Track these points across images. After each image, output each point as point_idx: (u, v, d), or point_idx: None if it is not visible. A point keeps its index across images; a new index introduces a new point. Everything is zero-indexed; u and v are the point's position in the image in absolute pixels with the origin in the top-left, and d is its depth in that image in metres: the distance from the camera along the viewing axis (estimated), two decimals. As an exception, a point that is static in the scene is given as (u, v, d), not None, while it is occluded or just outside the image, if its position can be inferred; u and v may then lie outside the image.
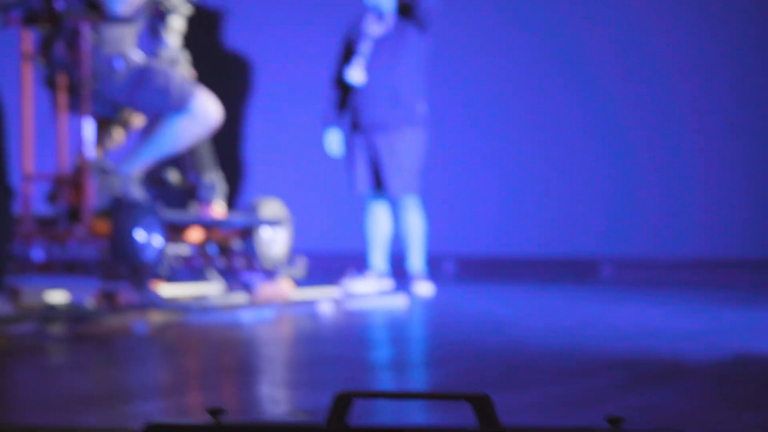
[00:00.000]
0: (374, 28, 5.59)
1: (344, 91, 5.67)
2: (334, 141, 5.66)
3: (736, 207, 6.61)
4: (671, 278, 6.46)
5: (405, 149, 5.55)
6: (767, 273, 6.44)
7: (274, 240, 5.04)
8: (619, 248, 6.69)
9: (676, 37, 6.70)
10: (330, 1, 6.74)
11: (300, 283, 5.09)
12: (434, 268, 6.02)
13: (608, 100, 6.78)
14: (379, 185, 5.59)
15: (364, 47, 5.57)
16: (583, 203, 6.75)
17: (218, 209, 4.95)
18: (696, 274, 6.47)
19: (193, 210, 4.91)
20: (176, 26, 4.96)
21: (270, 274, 4.90)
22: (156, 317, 4.21)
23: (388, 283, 5.62)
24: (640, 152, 6.73)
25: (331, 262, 6.10)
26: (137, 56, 4.65)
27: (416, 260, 5.65)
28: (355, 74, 5.54)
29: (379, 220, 5.65)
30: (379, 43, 5.57)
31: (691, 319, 4.42)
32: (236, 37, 7.12)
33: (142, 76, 4.60)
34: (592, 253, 6.70)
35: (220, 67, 7.05)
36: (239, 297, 4.76)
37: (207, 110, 4.72)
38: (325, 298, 4.84)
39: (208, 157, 4.99)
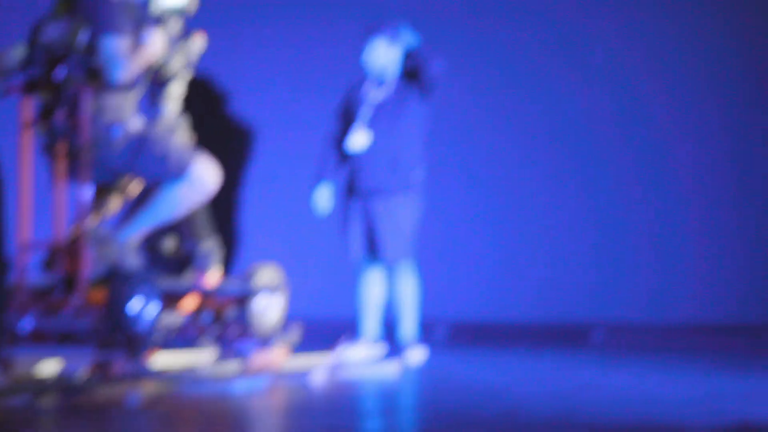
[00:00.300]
0: (375, 94, 5.64)
1: (340, 154, 5.71)
2: (323, 198, 5.66)
3: (729, 272, 6.63)
4: (664, 343, 6.46)
5: (402, 215, 5.57)
6: (761, 338, 6.44)
7: (270, 307, 5.06)
8: (611, 312, 6.70)
9: (671, 103, 6.77)
10: (330, 67, 6.81)
11: (295, 349, 5.10)
12: (427, 334, 6.03)
13: (600, 163, 6.84)
14: (373, 250, 5.61)
15: (365, 113, 5.60)
16: (574, 268, 6.77)
17: (214, 277, 4.97)
18: (689, 339, 6.47)
19: (189, 278, 4.93)
20: (176, 92, 5.01)
21: (265, 341, 4.91)
22: (150, 388, 4.22)
23: (381, 350, 5.63)
24: (632, 216, 6.77)
25: (326, 328, 6.11)
26: (136, 123, 4.69)
27: (409, 326, 5.66)
28: (358, 141, 5.57)
29: (373, 286, 5.67)
30: (380, 109, 5.60)
31: (688, 385, 4.41)
32: (236, 101, 7.18)
33: (140, 144, 4.63)
34: (584, 318, 6.71)
35: (220, 132, 7.11)
36: (233, 366, 4.76)
37: (205, 177, 4.74)
38: (318, 366, 4.85)
39: (204, 223, 5.01)
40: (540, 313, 6.77)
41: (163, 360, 4.59)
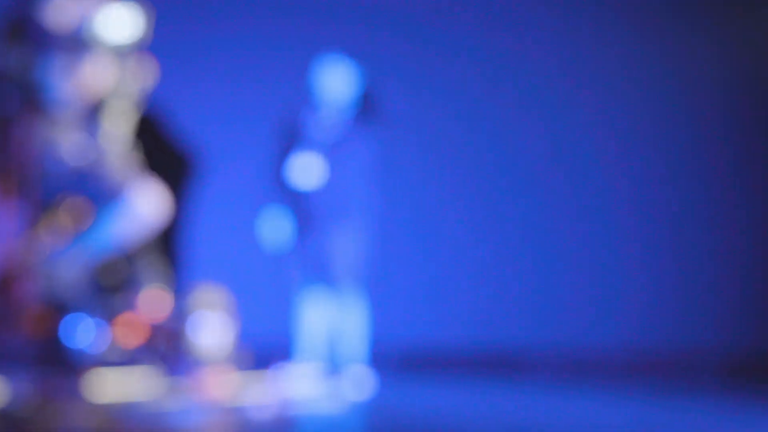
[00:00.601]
0: (326, 123, 5.63)
1: (287, 184, 5.69)
2: (270, 227, 5.63)
3: (666, 301, 6.77)
4: (603, 370, 6.55)
5: (351, 242, 5.59)
6: (694, 365, 6.56)
7: (215, 330, 5.03)
8: (551, 339, 6.81)
9: (608, 139, 6.91)
10: (280, 95, 6.82)
11: (240, 374, 5.06)
12: (373, 363, 6.03)
13: (541, 194, 6.96)
14: (321, 277, 5.60)
15: (317, 143, 5.59)
16: (515, 296, 6.88)
17: (158, 300, 4.93)
18: (628, 367, 6.57)
19: (133, 301, 4.89)
20: (122, 121, 4.98)
21: (210, 364, 4.88)
22: (92, 413, 4.17)
23: (327, 376, 5.61)
24: (572, 246, 6.88)
25: (273, 353, 6.09)
26: (80, 152, 4.66)
27: (356, 354, 5.65)
28: (309, 172, 5.56)
29: (320, 313, 5.66)
30: (332, 140, 5.60)
31: (624, 414, 4.45)
32: (185, 130, 7.17)
33: (84, 172, 4.62)
34: (523, 346, 6.80)
35: (167, 160, 7.08)
36: (178, 391, 4.72)
37: (149, 206, 4.74)
38: (264, 391, 4.82)
39: (149, 247, 4.98)
40: (483, 339, 6.85)
41: (103, 383, 4.54)
